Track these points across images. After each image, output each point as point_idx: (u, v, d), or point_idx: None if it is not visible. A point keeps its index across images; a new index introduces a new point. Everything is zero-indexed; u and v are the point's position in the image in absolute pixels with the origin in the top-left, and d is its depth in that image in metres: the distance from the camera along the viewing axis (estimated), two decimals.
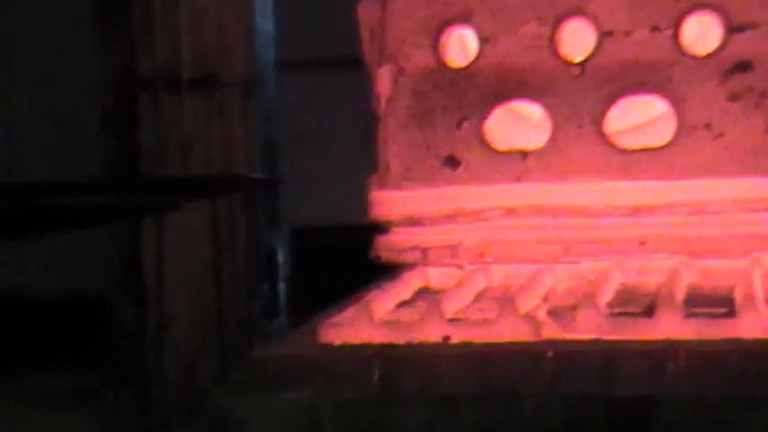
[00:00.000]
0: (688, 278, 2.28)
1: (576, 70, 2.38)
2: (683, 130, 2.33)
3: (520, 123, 2.47)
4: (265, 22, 4.98)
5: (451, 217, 2.46)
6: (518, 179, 2.40)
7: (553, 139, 2.38)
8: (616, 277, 2.33)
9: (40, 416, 4.30)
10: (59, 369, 4.77)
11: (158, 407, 3.98)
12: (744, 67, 2.32)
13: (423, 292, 2.38)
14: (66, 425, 4.16)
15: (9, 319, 5.01)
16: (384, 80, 2.48)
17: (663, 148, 2.34)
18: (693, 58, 2.34)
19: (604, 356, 1.85)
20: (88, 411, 4.21)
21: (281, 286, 4.60)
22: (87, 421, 4.15)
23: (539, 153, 2.40)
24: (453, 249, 2.46)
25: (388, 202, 2.50)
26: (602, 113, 2.36)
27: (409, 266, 2.50)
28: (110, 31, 4.33)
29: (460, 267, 2.46)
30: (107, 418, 4.01)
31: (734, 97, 2.32)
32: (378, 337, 2.04)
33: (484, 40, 2.43)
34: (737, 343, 1.84)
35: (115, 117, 4.21)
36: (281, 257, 4.68)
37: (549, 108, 2.39)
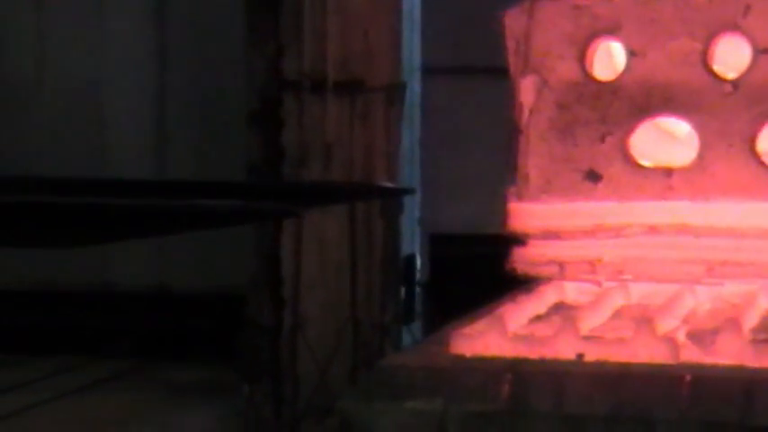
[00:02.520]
0: None
1: (728, 87, 2.31)
2: None
3: (666, 140, 2.41)
4: (411, 28, 4.99)
5: (591, 232, 2.42)
6: (662, 196, 2.34)
7: (700, 157, 2.32)
8: (761, 302, 2.25)
9: (178, 407, 4.40)
10: (198, 362, 4.87)
11: (290, 405, 4.02)
12: None
13: (558, 307, 2.34)
14: (203, 416, 4.24)
15: (153, 312, 5.14)
16: (527, 91, 2.45)
17: None
18: None
19: (745, 384, 1.78)
20: (223, 405, 4.29)
21: (418, 292, 4.60)
22: (222, 415, 4.23)
23: (685, 171, 2.33)
24: (591, 265, 2.42)
25: (526, 213, 2.47)
26: (755, 132, 2.28)
27: (545, 280, 2.46)
28: (258, 32, 4.41)
29: (598, 284, 2.41)
30: (241, 413, 4.08)
31: None
32: (510, 350, 2.02)
33: (632, 54, 2.38)
34: None
35: (261, 117, 4.28)
36: (419, 263, 4.68)
37: (698, 125, 2.32)
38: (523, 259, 2.49)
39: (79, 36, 5.38)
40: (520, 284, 2.51)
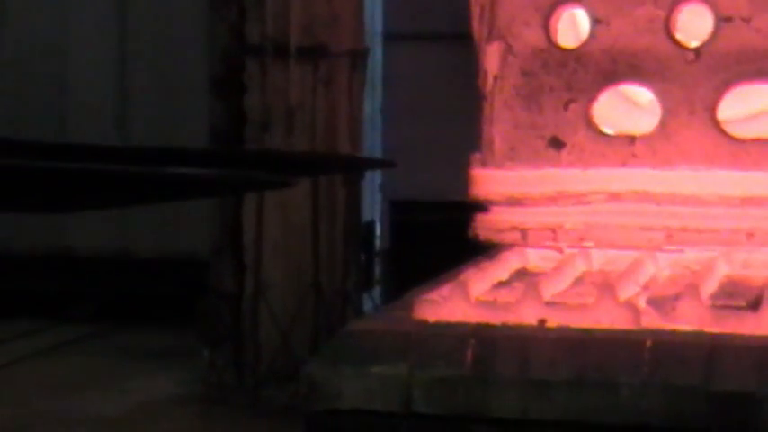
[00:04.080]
0: None
1: (691, 55, 2.32)
2: None
3: (629, 107, 2.42)
4: None
5: (553, 199, 2.43)
6: (624, 164, 2.36)
7: (663, 125, 2.33)
8: (721, 269, 2.27)
9: (139, 370, 4.39)
10: (159, 328, 4.86)
11: (252, 370, 4.02)
12: None
13: (520, 274, 2.36)
14: (164, 379, 4.24)
15: (113, 277, 5.11)
16: (492, 58, 2.45)
17: None
18: None
19: (706, 349, 1.81)
20: (184, 370, 4.29)
21: (378, 259, 4.61)
22: (182, 379, 4.22)
23: (647, 138, 2.35)
24: (553, 232, 2.43)
25: (489, 180, 2.47)
26: (716, 101, 2.30)
27: (507, 247, 2.48)
28: None
29: (560, 250, 2.43)
30: (201, 377, 4.08)
31: None
32: (473, 316, 2.03)
33: (596, 21, 2.39)
34: None
35: (223, 82, 4.25)
36: (378, 230, 4.68)
37: (661, 93, 2.33)
38: (486, 226, 2.50)
39: (41, 2, 5.31)
40: (481, 251, 2.52)
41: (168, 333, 4.79)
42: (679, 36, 2.35)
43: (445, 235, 3.24)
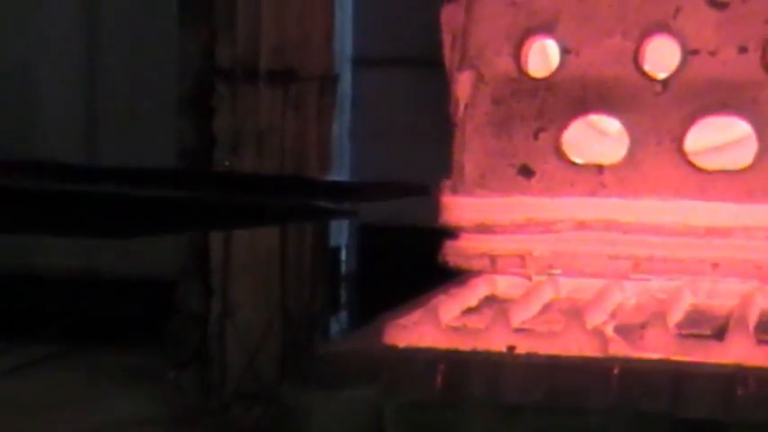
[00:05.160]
0: (760, 303, 2.25)
1: (659, 87, 2.36)
2: (764, 153, 2.30)
3: (598, 137, 2.46)
4: (344, 18, 5.00)
5: (522, 226, 2.46)
6: (592, 193, 2.39)
7: (630, 155, 2.37)
8: (686, 298, 2.31)
9: (104, 391, 4.36)
10: (125, 348, 4.84)
11: (218, 391, 4.02)
12: None
13: (489, 300, 2.38)
14: (129, 400, 4.22)
15: (81, 297, 5.09)
16: (464, 85, 2.48)
17: (742, 170, 2.32)
18: None
19: (672, 377, 1.84)
20: (150, 391, 4.27)
21: (345, 283, 4.61)
22: (149, 399, 4.20)
23: (615, 168, 2.38)
24: (522, 259, 2.46)
25: (459, 207, 2.50)
26: (683, 132, 2.34)
27: (476, 273, 2.50)
28: (191, 17, 4.38)
29: (528, 277, 2.46)
30: (167, 398, 4.06)
31: None
32: (443, 341, 2.05)
33: (566, 51, 2.42)
34: None
35: (193, 103, 4.25)
36: (344, 254, 4.69)
37: (629, 123, 2.37)
38: (455, 252, 2.53)
39: (9, 16, 5.29)
40: (450, 277, 2.54)
41: (134, 354, 4.76)
42: (647, 68, 2.39)
43: (414, 260, 3.26)
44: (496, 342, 2.03)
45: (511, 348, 2.02)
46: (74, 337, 5.06)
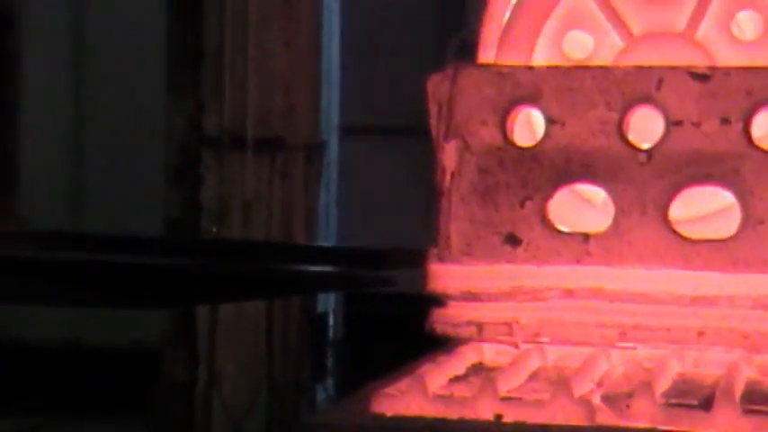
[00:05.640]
0: (747, 373, 2.26)
1: (643, 157, 2.39)
2: (747, 223, 2.32)
3: (583, 206, 2.48)
4: (331, 87, 5.05)
5: (509, 294, 2.46)
6: (578, 261, 2.40)
7: (616, 224, 2.38)
8: (673, 367, 2.31)
9: None
10: (109, 418, 4.80)
11: None
12: None
13: (477, 368, 2.38)
14: None
15: (63, 366, 5.06)
16: (450, 154, 2.51)
17: (727, 240, 2.33)
18: (762, 152, 2.33)
19: None
20: None
21: (331, 351, 4.61)
22: None
23: (600, 236, 2.40)
24: (509, 327, 2.46)
25: (446, 275, 2.50)
26: (667, 201, 2.36)
27: (463, 341, 2.50)
28: (179, 87, 4.42)
29: (515, 345, 2.46)
30: None
31: None
32: (430, 410, 2.05)
33: (551, 122, 2.45)
34: None
35: (180, 172, 4.28)
36: (332, 320, 4.69)
37: (614, 193, 2.39)
38: (443, 320, 2.53)
39: None
40: (437, 345, 2.54)
41: (119, 424, 4.73)
42: (631, 138, 2.42)
43: (400, 328, 3.26)
44: (484, 411, 2.03)
45: (498, 417, 2.01)
46: (57, 408, 5.02)
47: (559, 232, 2.42)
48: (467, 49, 2.92)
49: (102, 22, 5.32)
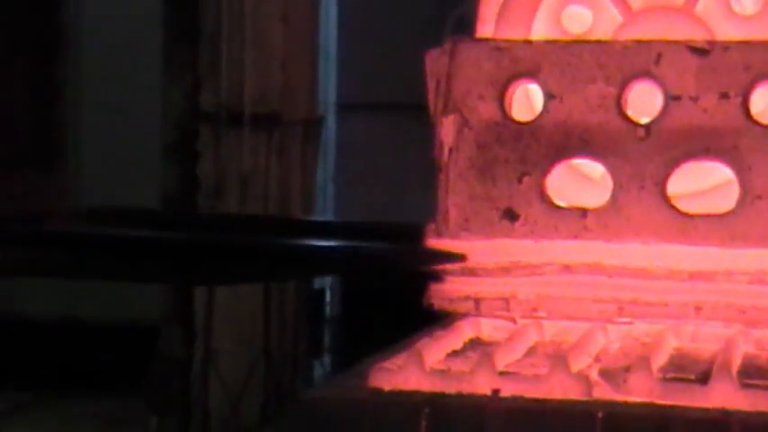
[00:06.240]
0: (743, 348, 2.26)
1: (641, 132, 2.38)
2: (746, 198, 2.32)
3: (581, 181, 2.47)
4: (328, 64, 5.04)
5: (506, 269, 2.46)
6: (576, 236, 2.40)
7: (614, 199, 2.38)
8: (670, 342, 2.31)
9: None
10: (106, 393, 4.80)
11: None
12: None
13: (474, 343, 2.38)
14: None
15: (61, 342, 5.06)
16: (448, 130, 2.50)
17: (724, 215, 2.33)
18: (761, 127, 2.33)
19: (656, 422, 1.84)
20: None
21: (327, 327, 4.61)
22: None
23: (598, 212, 2.40)
24: (506, 302, 2.47)
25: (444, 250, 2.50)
26: (665, 176, 2.36)
27: (461, 316, 2.50)
28: (176, 63, 4.40)
29: (513, 320, 2.46)
30: None
31: None
32: (428, 385, 2.05)
33: (550, 97, 2.45)
34: None
35: (177, 148, 4.27)
36: (328, 296, 4.69)
37: (612, 168, 2.39)
38: (440, 295, 2.53)
39: None
40: (433, 320, 2.54)
41: (116, 400, 4.73)
42: (630, 113, 2.41)
43: (397, 303, 3.26)
44: (481, 385, 2.03)
45: (496, 392, 2.01)
46: (55, 383, 5.02)
47: (557, 207, 2.41)
48: (465, 25, 2.92)
49: None
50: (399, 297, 2.93)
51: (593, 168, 2.46)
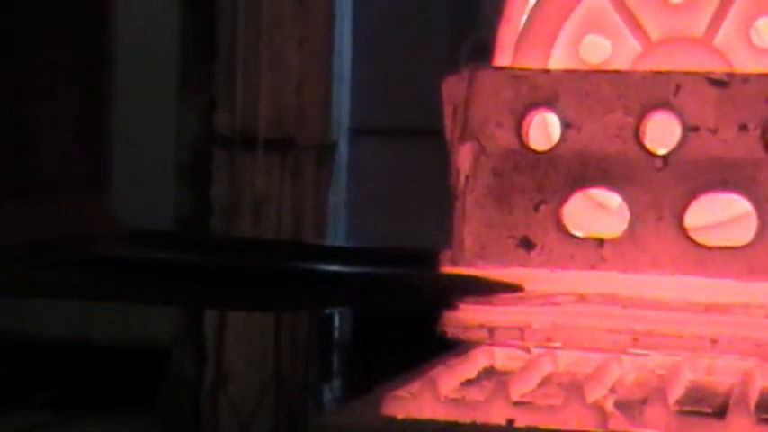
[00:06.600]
0: (760, 382, 2.25)
1: (659, 163, 2.38)
2: (764, 230, 2.31)
3: (598, 211, 2.47)
4: (342, 88, 5.05)
5: (521, 298, 2.45)
6: (592, 266, 2.39)
7: (631, 230, 2.37)
8: (686, 374, 2.30)
9: None
10: (117, 415, 4.79)
11: None
12: None
13: (488, 372, 2.37)
14: None
15: (72, 363, 5.06)
16: (465, 157, 2.50)
17: (742, 247, 2.32)
18: None
19: None
20: None
21: (338, 350, 4.60)
22: None
23: (615, 242, 2.39)
24: (521, 331, 2.45)
25: None
26: (683, 208, 2.35)
27: (474, 344, 2.49)
28: (191, 85, 4.42)
29: (527, 350, 2.45)
30: None
31: None
32: (442, 413, 2.04)
33: (567, 126, 2.44)
34: None
35: (191, 171, 4.28)
36: (337, 321, 4.68)
37: (629, 198, 2.38)
38: (454, 323, 2.52)
39: None
40: (445, 347, 2.53)
41: (126, 422, 4.72)
42: (647, 143, 2.41)
43: (406, 329, 3.25)
44: (496, 415, 2.01)
45: (510, 422, 2.00)
46: (65, 404, 5.02)
47: (574, 237, 2.41)
48: (480, 51, 2.92)
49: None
50: (408, 323, 2.92)
51: (611, 198, 2.45)
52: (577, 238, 2.41)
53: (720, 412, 1.99)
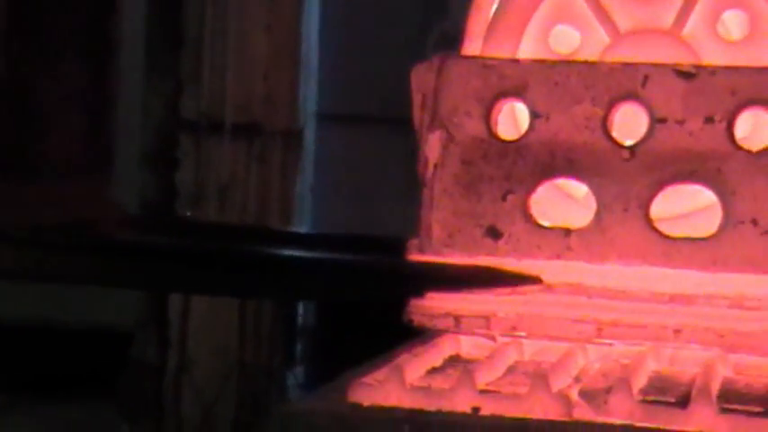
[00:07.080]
0: (723, 372, 2.27)
1: (626, 154, 2.39)
2: (728, 223, 2.33)
3: (565, 201, 2.48)
4: (309, 74, 5.03)
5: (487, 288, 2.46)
6: (558, 256, 2.41)
7: (597, 220, 2.39)
8: (649, 364, 2.32)
9: None
10: (77, 400, 4.77)
11: None
12: None
13: (454, 360, 2.38)
14: None
15: (31, 348, 5.02)
16: (433, 145, 2.50)
17: (707, 239, 2.34)
18: (745, 152, 2.34)
19: None
20: None
21: (301, 337, 4.60)
22: None
23: (581, 232, 2.40)
24: (487, 320, 2.46)
25: None
26: (649, 199, 2.36)
27: (440, 332, 2.50)
28: (157, 69, 4.39)
29: (493, 339, 2.46)
30: None
31: None
32: (408, 401, 2.05)
33: (535, 116, 2.45)
34: None
35: (155, 156, 4.25)
36: (301, 307, 4.68)
37: (596, 188, 2.39)
38: (420, 311, 2.52)
39: None
40: (410, 335, 2.54)
41: (86, 407, 4.70)
42: (615, 134, 2.42)
43: (370, 316, 3.25)
44: (461, 403, 2.02)
45: (476, 410, 2.01)
46: (23, 389, 4.98)
47: (541, 226, 2.42)
48: (447, 40, 2.91)
49: None
50: (372, 309, 2.92)
51: (578, 188, 2.46)
52: (544, 227, 2.42)
53: (683, 402, 2.01)
